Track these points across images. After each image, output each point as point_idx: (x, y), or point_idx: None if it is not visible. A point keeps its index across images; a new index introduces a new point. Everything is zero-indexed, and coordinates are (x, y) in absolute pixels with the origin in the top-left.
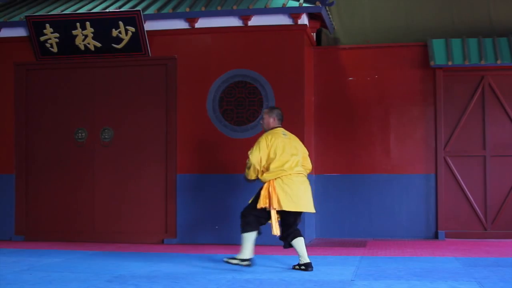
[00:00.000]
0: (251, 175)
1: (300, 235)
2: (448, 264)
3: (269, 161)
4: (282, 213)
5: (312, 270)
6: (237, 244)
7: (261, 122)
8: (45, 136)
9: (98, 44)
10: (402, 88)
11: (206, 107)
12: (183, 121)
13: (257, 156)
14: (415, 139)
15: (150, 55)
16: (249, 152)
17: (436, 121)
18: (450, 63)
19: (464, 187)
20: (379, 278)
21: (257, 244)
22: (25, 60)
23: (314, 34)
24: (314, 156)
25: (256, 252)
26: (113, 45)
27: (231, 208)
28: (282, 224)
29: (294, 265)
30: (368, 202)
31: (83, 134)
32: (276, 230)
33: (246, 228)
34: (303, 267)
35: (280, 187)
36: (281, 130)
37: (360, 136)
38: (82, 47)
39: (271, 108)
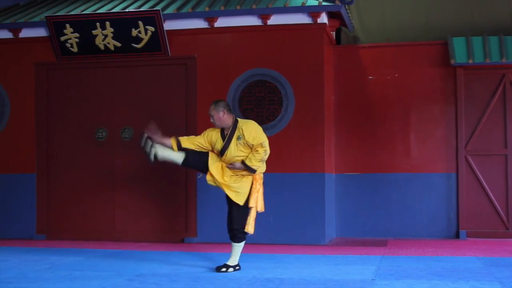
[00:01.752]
0: (262, 165)
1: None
2: (469, 263)
3: None
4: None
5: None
6: (257, 243)
7: (211, 121)
8: (66, 135)
9: (118, 44)
10: (423, 87)
11: None
12: (203, 121)
13: (267, 140)
14: (436, 138)
15: (169, 54)
16: (262, 143)
17: (457, 120)
18: (470, 61)
19: (486, 186)
20: (400, 277)
21: (269, 243)
22: (45, 60)
23: (334, 32)
24: (334, 155)
25: (270, 251)
26: (132, 44)
27: None
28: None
29: (224, 266)
30: (389, 201)
31: (104, 133)
32: (251, 228)
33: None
34: (238, 268)
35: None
36: None
37: (380, 135)
38: (102, 47)
39: (216, 102)
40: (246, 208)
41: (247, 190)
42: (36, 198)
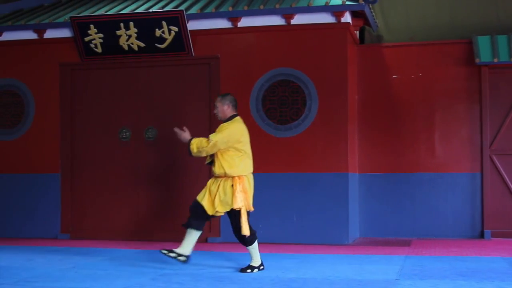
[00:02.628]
0: (199, 153)
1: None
2: (494, 264)
3: (236, 153)
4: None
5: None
6: (280, 243)
7: (215, 112)
8: (90, 135)
9: (142, 44)
10: (447, 86)
11: (250, 106)
12: None
13: (223, 139)
14: (460, 138)
15: (193, 54)
16: (212, 139)
17: (482, 119)
18: (495, 60)
19: (511, 185)
20: (424, 277)
21: (292, 243)
22: (70, 61)
23: (357, 32)
24: (358, 155)
25: (294, 251)
26: (156, 45)
27: (274, 207)
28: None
29: (249, 267)
30: (413, 201)
31: (128, 133)
32: (246, 230)
33: (193, 224)
34: (262, 267)
35: (249, 187)
36: (241, 119)
37: (404, 135)
38: (126, 47)
39: (223, 95)
40: (238, 211)
41: (230, 195)
42: (61, 197)
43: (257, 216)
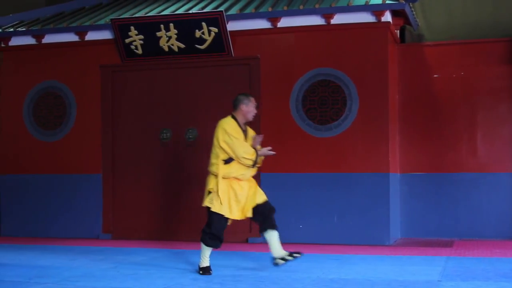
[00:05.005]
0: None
1: None
2: None
3: None
4: None
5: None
6: (321, 243)
7: (255, 112)
8: (131, 136)
9: (182, 45)
10: (489, 85)
11: (290, 106)
12: (266, 121)
13: None
14: (503, 137)
15: (233, 55)
16: None
17: None
18: None
19: None
20: (467, 279)
21: (333, 243)
22: (110, 62)
23: (398, 31)
24: (399, 155)
25: (335, 251)
26: (196, 46)
27: (315, 208)
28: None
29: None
30: (455, 201)
31: (168, 134)
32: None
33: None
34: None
35: None
36: None
37: (445, 134)
38: (166, 49)
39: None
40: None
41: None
42: (102, 198)
43: (298, 216)
